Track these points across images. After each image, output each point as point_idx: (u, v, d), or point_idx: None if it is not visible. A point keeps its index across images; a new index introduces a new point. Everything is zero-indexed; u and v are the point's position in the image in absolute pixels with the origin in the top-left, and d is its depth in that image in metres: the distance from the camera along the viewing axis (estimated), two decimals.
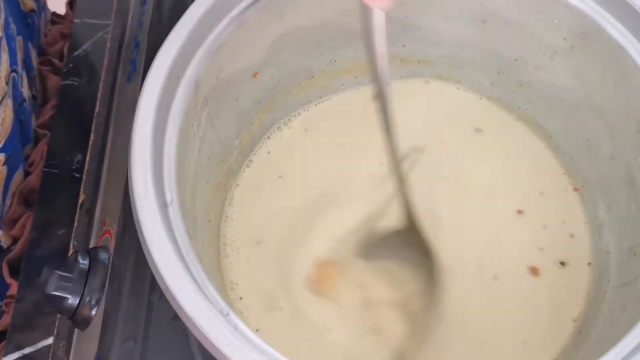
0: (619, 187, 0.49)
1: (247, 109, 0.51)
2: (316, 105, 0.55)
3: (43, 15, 0.70)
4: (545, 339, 0.48)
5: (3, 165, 0.57)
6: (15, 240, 0.59)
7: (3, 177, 0.58)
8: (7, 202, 0.60)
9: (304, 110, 0.55)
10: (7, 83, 0.56)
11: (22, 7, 0.64)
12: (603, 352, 0.37)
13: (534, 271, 0.50)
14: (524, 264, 0.50)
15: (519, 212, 0.52)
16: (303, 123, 0.55)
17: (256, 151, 0.54)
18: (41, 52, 0.69)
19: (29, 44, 0.65)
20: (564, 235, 0.51)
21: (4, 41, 0.55)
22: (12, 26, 0.59)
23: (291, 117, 0.55)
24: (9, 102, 0.56)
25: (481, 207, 0.52)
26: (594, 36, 0.47)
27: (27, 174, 0.62)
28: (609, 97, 0.48)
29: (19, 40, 0.62)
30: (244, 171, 0.53)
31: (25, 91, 0.62)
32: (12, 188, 0.60)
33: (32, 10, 0.66)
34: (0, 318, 0.57)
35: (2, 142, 0.56)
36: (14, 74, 0.59)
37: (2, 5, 0.54)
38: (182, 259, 0.37)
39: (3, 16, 0.55)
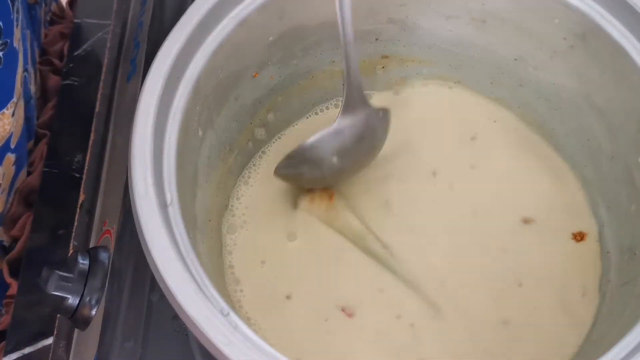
0: (619, 187, 0.49)
1: (247, 109, 0.51)
2: (316, 105, 0.55)
3: (44, 5, 0.70)
4: (545, 334, 0.48)
5: (13, 165, 0.57)
6: (15, 240, 0.59)
7: (11, 176, 0.58)
8: (10, 199, 0.60)
9: (304, 109, 0.55)
10: (21, 84, 0.56)
11: (28, 0, 0.64)
12: (603, 351, 0.37)
13: None
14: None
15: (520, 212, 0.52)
16: (303, 123, 0.55)
17: (256, 151, 0.54)
18: (41, 50, 0.69)
19: (33, 36, 0.65)
20: (564, 235, 0.51)
21: (20, 42, 0.55)
22: (25, 24, 0.59)
23: (291, 117, 0.55)
24: (21, 103, 0.56)
25: (481, 206, 0.52)
26: (594, 36, 0.47)
27: (27, 173, 0.62)
28: (609, 97, 0.48)
29: (27, 34, 0.62)
30: (243, 171, 0.53)
31: (33, 88, 0.62)
32: (16, 185, 0.60)
33: (36, 2, 0.66)
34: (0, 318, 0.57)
35: (15, 143, 0.56)
36: (25, 73, 0.59)
37: (19, 5, 0.53)
38: (182, 259, 0.37)
39: (21, 16, 0.54)
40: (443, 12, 0.52)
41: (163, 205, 0.39)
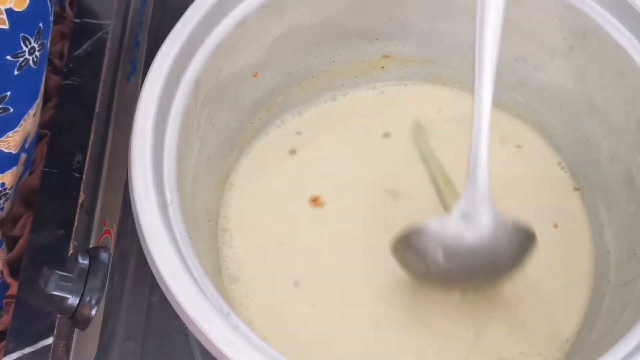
0: (619, 187, 0.49)
1: (247, 109, 0.51)
2: (316, 105, 0.55)
3: None
4: (547, 335, 0.48)
5: (22, 164, 0.57)
6: (15, 240, 0.59)
7: (19, 175, 0.58)
8: (7, 206, 0.60)
9: (304, 110, 0.55)
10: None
11: None
12: (603, 351, 0.37)
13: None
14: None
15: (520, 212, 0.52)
16: (303, 123, 0.55)
17: (256, 151, 0.53)
18: None
19: None
20: (564, 235, 0.51)
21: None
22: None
23: (291, 117, 0.55)
24: (40, 103, 0.57)
25: None
26: (594, 36, 0.47)
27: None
28: (609, 97, 0.48)
29: None
30: (244, 171, 0.53)
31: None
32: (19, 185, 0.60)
33: None
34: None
35: (29, 143, 0.56)
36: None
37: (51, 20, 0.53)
38: (182, 259, 0.37)
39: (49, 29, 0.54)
40: (443, 12, 0.52)
41: (163, 205, 0.39)
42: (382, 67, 0.55)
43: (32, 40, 0.47)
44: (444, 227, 0.43)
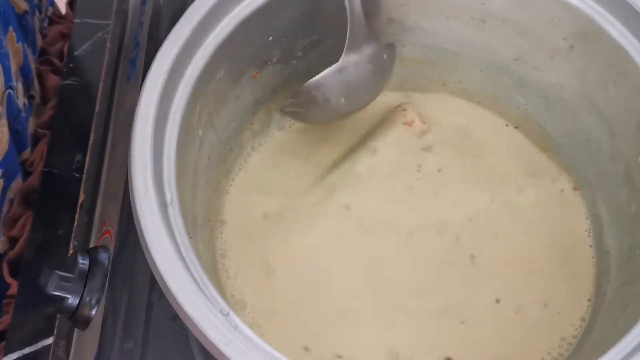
0: (619, 187, 0.49)
1: (247, 109, 0.51)
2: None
3: (37, 13, 0.70)
4: (548, 336, 0.48)
5: (0, 178, 0.57)
6: (14, 241, 0.59)
7: (0, 188, 0.58)
8: (4, 209, 0.60)
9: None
10: (1, 104, 0.56)
11: (17, 11, 0.64)
12: (603, 351, 0.37)
13: None
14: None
15: (520, 212, 0.52)
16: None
17: (256, 151, 0.53)
18: (39, 51, 0.69)
19: (25, 45, 0.65)
20: (565, 235, 0.51)
21: None
22: (5, 42, 0.59)
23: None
24: (4, 121, 0.56)
25: (482, 207, 0.52)
26: (594, 36, 0.47)
27: (27, 174, 0.62)
28: (609, 97, 0.48)
29: (18, 47, 0.62)
30: (244, 171, 0.53)
31: (21, 100, 0.62)
32: (10, 194, 0.60)
33: (26, 12, 0.66)
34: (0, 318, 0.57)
35: (0, 160, 0.56)
36: (9, 90, 0.59)
37: None
38: (182, 259, 0.37)
39: None
40: (443, 12, 0.52)
41: (163, 205, 0.39)
42: None
43: None
44: (339, 73, 0.48)
